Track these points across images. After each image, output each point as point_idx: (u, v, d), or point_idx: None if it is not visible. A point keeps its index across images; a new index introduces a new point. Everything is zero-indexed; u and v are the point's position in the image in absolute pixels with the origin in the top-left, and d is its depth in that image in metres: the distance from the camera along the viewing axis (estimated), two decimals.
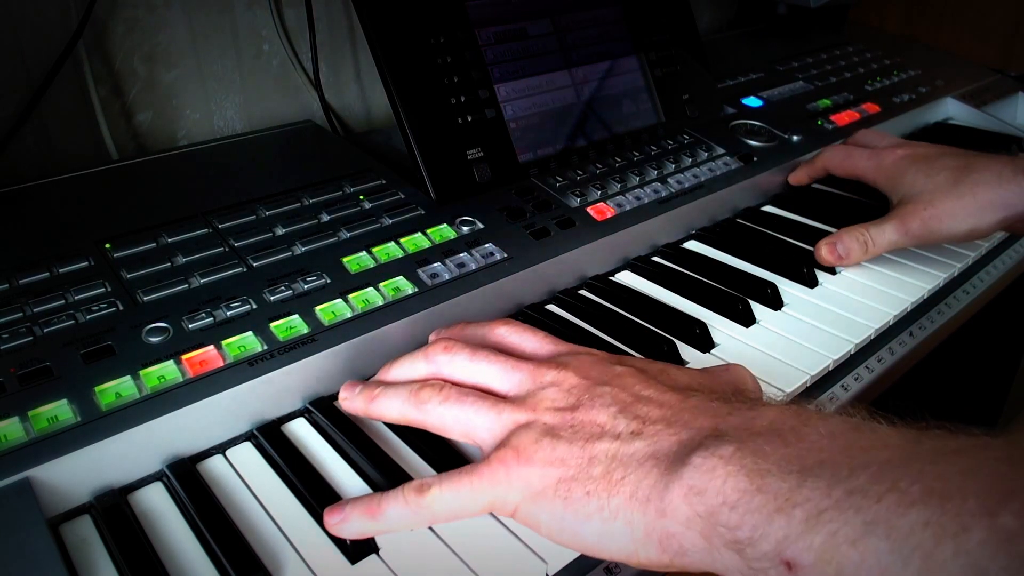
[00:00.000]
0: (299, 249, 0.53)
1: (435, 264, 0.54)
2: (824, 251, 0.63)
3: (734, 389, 0.41)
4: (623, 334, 0.54)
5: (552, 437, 0.36)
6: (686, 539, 0.31)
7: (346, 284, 0.51)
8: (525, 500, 0.36)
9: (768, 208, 0.75)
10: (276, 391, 0.45)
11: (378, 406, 0.41)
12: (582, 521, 0.34)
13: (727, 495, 0.30)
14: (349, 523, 0.36)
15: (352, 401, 0.42)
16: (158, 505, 0.40)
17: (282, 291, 0.49)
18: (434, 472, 0.42)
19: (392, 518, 0.36)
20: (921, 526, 0.25)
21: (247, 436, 0.44)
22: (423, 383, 0.40)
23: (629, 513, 0.33)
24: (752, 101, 0.87)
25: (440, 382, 0.40)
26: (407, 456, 0.43)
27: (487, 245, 0.56)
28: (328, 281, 0.50)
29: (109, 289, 0.48)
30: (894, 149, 0.69)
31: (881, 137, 0.76)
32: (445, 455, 0.42)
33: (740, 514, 0.29)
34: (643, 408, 0.36)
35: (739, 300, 0.57)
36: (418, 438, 0.43)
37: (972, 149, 0.68)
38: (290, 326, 0.47)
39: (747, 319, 0.56)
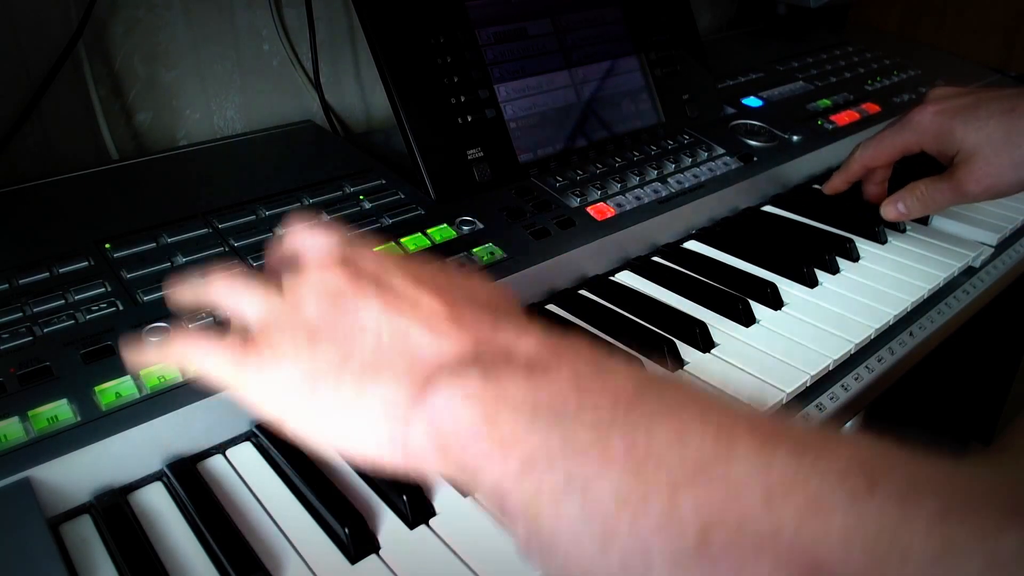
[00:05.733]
0: None
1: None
2: (887, 210, 0.67)
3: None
4: (623, 334, 0.54)
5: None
6: (428, 459, 0.30)
7: None
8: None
9: (768, 208, 0.75)
10: None
11: None
12: (324, 416, 0.31)
13: (460, 434, 0.28)
14: None
15: None
16: (158, 505, 0.40)
17: None
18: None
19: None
20: (610, 493, 0.25)
21: (247, 436, 0.44)
22: None
23: (376, 415, 0.30)
24: (752, 101, 0.87)
25: None
26: None
27: (487, 245, 0.56)
28: None
29: (109, 289, 0.48)
30: (923, 107, 0.65)
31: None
32: None
33: (471, 455, 0.28)
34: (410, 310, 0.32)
35: (739, 300, 0.57)
36: None
37: None
38: None
39: (747, 319, 0.56)
